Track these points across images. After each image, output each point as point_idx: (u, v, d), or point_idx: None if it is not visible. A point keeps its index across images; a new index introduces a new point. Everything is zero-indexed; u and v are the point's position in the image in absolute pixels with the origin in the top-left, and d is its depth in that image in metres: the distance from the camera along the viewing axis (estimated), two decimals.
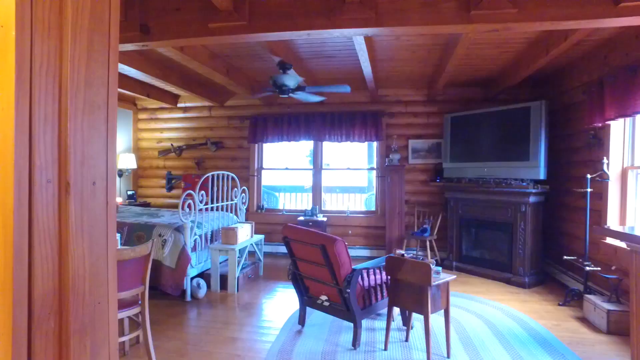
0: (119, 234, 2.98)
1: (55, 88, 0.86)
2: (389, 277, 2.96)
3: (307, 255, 3.16)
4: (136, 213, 5.24)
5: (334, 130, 6.34)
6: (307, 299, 3.39)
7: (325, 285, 3.11)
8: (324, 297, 3.20)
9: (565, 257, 4.44)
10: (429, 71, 5.14)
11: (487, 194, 5.02)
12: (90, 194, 0.90)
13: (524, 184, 4.67)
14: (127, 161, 6.59)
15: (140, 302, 2.64)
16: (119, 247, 2.98)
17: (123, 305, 2.57)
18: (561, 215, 4.90)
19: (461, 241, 5.44)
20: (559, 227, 4.94)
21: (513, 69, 4.77)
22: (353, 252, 6.35)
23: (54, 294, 0.86)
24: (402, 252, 2.94)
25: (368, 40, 3.78)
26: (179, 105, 7.10)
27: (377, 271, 3.29)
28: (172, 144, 7.10)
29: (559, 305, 4.02)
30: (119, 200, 6.49)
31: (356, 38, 3.41)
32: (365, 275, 3.11)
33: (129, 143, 7.11)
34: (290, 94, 4.31)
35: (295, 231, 3.24)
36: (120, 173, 6.69)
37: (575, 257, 4.31)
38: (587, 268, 3.89)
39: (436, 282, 2.65)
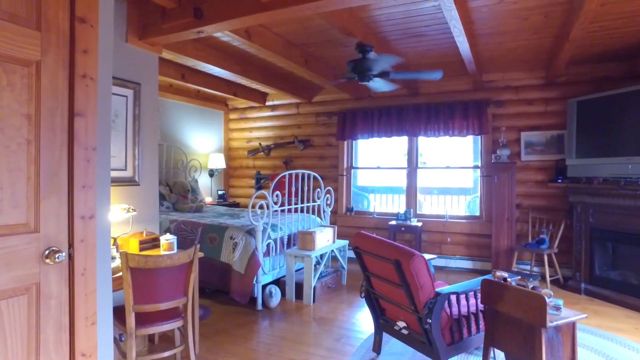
0: (175, 237, 2.76)
1: None
2: (485, 306, 2.24)
3: (381, 271, 2.59)
4: (218, 213, 5.18)
5: (430, 123, 5.60)
6: (383, 323, 2.81)
7: (403, 310, 2.50)
8: (401, 324, 2.59)
9: None
10: (546, 44, 4.12)
11: (633, 198, 3.83)
12: None
13: None
14: (216, 161, 6.66)
15: (183, 315, 2.35)
16: (175, 250, 2.77)
17: (164, 317, 2.30)
18: None
19: (593, 257, 4.28)
20: None
21: None
22: (452, 263, 5.52)
23: None
24: (504, 274, 2.19)
25: (461, 5, 3.05)
26: (267, 103, 7.00)
27: (471, 295, 2.57)
28: (260, 143, 7.02)
29: None
30: (208, 199, 6.60)
31: (444, 1, 2.73)
32: (454, 300, 2.43)
33: (220, 143, 7.23)
34: (368, 82, 3.76)
35: (366, 240, 2.68)
36: (212, 173, 6.80)
37: None
38: None
39: (555, 323, 1.87)
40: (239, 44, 4.17)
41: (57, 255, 1.53)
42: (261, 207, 3.94)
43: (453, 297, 2.40)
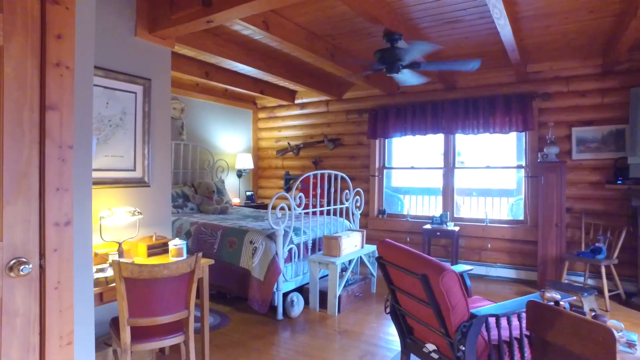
0: (184, 242, 2.56)
1: None
2: (532, 334, 1.87)
3: (407, 286, 2.27)
4: (243, 215, 5.00)
5: (468, 120, 5.17)
6: (411, 343, 2.48)
7: (432, 332, 2.17)
8: (431, 347, 2.25)
9: None
10: (604, 26, 3.61)
11: None
12: None
13: None
14: (244, 161, 6.51)
15: (184, 330, 2.14)
16: (184, 256, 2.57)
17: (163, 331, 2.10)
18: None
19: None
20: None
21: None
22: (492, 272, 5.06)
23: None
24: (556, 295, 1.81)
25: None
26: (296, 101, 6.78)
27: (514, 316, 2.19)
28: (288, 143, 6.81)
29: None
30: (235, 201, 6.46)
31: None
32: (492, 323, 2.07)
33: (249, 143, 7.08)
34: (397, 73, 3.43)
35: (391, 250, 2.37)
36: (240, 173, 6.67)
37: None
38: None
39: None
40: (260, 37, 3.96)
41: (21, 268, 1.34)
42: (282, 209, 3.70)
43: (492, 320, 2.05)
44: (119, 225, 2.58)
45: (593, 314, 1.67)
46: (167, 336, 2.08)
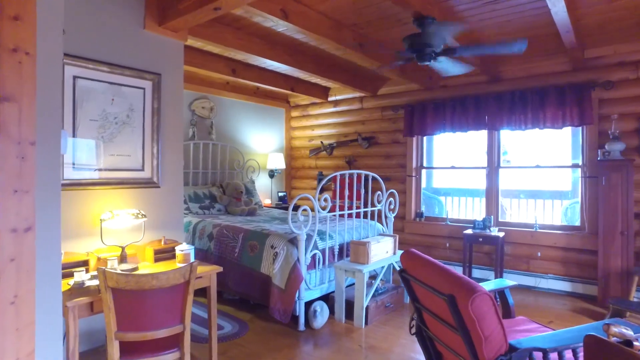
0: (192, 246, 2.38)
1: None
2: None
3: (434, 306, 1.93)
4: (271, 217, 4.80)
5: (514, 114, 4.68)
6: None
7: None
8: None
9: None
10: None
11: None
12: None
13: None
14: (276, 161, 6.34)
15: (179, 346, 1.93)
16: (184, 261, 2.38)
17: (156, 347, 1.90)
18: None
19: None
20: None
21: None
22: (543, 283, 4.53)
23: None
24: (627, 331, 1.42)
25: None
26: (329, 99, 6.52)
27: (567, 352, 1.80)
28: (321, 142, 6.56)
29: None
30: (267, 202, 6.29)
31: None
32: (539, 357, 1.69)
33: (281, 142, 6.91)
34: (430, 61, 3.07)
35: (417, 262, 2.04)
36: (272, 174, 6.50)
37: None
38: None
39: None
40: (284, 29, 3.74)
41: None
42: (304, 211, 3.44)
43: (538, 354, 1.67)
44: (123, 228, 2.44)
45: None
46: (161, 352, 1.88)
